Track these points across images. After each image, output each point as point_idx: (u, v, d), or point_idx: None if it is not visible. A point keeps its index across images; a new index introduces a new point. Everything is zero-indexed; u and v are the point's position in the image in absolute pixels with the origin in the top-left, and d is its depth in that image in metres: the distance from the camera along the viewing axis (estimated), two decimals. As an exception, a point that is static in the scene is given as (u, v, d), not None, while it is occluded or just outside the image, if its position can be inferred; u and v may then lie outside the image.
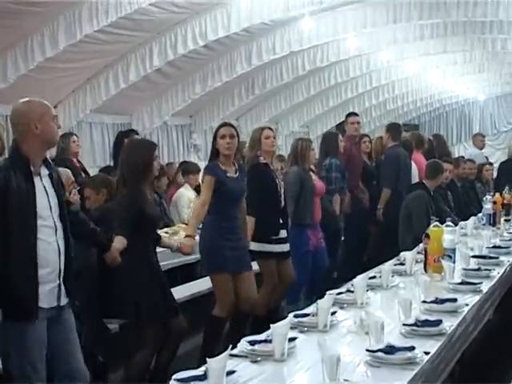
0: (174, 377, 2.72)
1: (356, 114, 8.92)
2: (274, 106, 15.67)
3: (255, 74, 13.38)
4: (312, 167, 7.28)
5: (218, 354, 2.60)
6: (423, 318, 3.58)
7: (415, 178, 8.61)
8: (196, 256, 6.05)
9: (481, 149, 12.52)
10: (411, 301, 3.69)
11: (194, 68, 11.89)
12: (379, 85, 17.04)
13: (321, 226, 7.14)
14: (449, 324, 3.60)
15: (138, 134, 9.47)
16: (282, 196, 6.22)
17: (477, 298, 4.32)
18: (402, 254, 5.34)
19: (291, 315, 3.70)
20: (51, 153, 6.93)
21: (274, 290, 6.22)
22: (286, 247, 6.24)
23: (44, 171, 3.76)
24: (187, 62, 11.38)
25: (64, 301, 3.76)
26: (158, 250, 5.76)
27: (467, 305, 4.08)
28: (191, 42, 10.07)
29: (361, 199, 8.55)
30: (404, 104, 20.46)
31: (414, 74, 17.14)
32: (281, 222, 6.17)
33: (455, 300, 4.02)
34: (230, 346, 2.70)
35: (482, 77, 19.28)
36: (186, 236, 5.28)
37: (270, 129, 6.26)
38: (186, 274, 7.38)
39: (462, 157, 12.70)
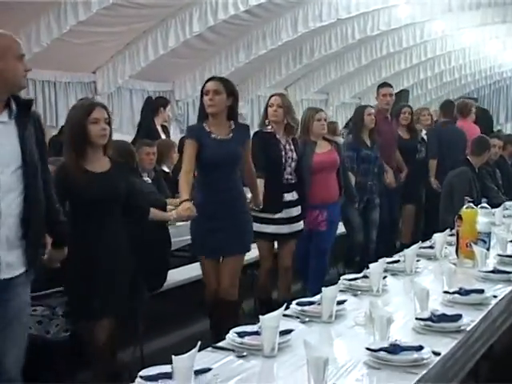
0: (140, 374, 2.42)
1: (389, 85, 8.02)
2: (324, 76, 15.22)
3: (302, 42, 12.96)
4: (329, 138, 6.70)
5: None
6: (440, 311, 3.19)
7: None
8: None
9: None
10: (428, 291, 3.29)
11: (238, 35, 11.54)
12: (434, 56, 16.39)
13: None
14: (469, 319, 3.21)
15: (166, 101, 9.00)
16: (290, 169, 5.67)
17: (509, 288, 3.90)
18: (434, 235, 4.92)
19: (293, 303, 3.37)
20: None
21: (278, 276, 5.79)
22: (290, 228, 5.68)
23: (3, 116, 3.18)
24: (230, 29, 11.03)
25: (6, 274, 3.18)
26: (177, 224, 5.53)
27: (495, 297, 3.67)
28: (232, 7, 9.70)
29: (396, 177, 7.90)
30: (462, 76, 19.73)
31: (472, 45, 16.44)
32: (286, 199, 5.65)
33: (482, 291, 3.61)
34: (199, 343, 2.37)
35: (545, 48, 18.41)
36: (181, 202, 4.56)
37: (278, 95, 5.78)
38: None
39: None
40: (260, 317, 2.77)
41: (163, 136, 8.41)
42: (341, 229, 7.01)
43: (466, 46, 16.43)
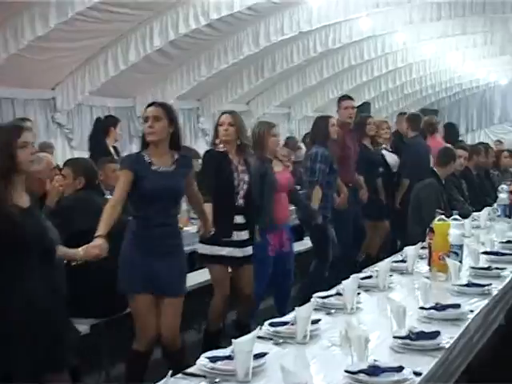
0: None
1: (350, 98, 7.76)
2: (286, 90, 15.20)
3: (264, 56, 12.91)
4: (282, 157, 6.49)
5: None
6: (418, 329, 3.08)
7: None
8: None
9: None
10: (405, 308, 3.19)
11: (199, 49, 11.43)
12: (395, 68, 16.50)
13: (302, 224, 6.54)
14: (448, 336, 3.10)
15: (116, 120, 8.65)
16: (242, 192, 5.26)
17: (484, 302, 3.81)
18: (405, 249, 4.83)
19: (266, 324, 3.23)
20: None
21: (231, 303, 5.47)
22: (242, 252, 5.27)
23: None
24: (191, 43, 10.93)
25: None
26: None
27: (472, 311, 3.58)
28: (193, 20, 9.60)
29: (357, 194, 7.75)
30: (422, 88, 19.90)
31: (432, 57, 16.57)
32: (236, 222, 5.24)
33: (458, 306, 3.52)
34: (170, 372, 2.20)
35: (504, 60, 18.54)
36: (96, 237, 3.99)
37: (227, 113, 5.36)
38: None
39: (482, 143, 12.17)
40: (233, 341, 2.62)
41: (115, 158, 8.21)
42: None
43: (427, 57, 16.54)
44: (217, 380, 2.61)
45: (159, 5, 9.44)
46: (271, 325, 3.23)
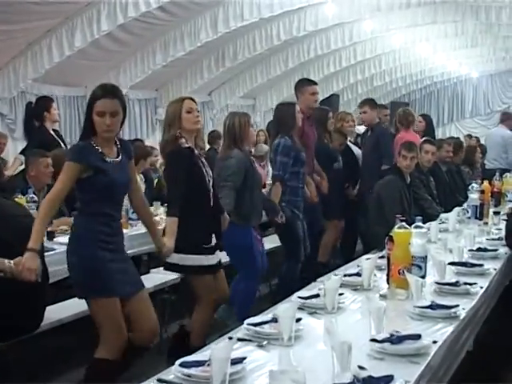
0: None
1: (315, 82, 7.13)
2: (250, 80, 14.53)
3: (225, 44, 12.24)
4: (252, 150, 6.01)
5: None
6: (364, 373, 2.45)
7: None
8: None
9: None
10: (350, 345, 2.54)
11: (154, 35, 10.71)
12: (364, 59, 15.90)
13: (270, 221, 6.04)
14: (402, 381, 2.48)
15: (49, 101, 7.90)
16: (212, 190, 4.77)
17: (450, 329, 3.18)
18: (362, 260, 4.19)
19: (245, 324, 3.03)
20: None
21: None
22: (217, 257, 4.84)
23: None
24: (145, 29, 10.20)
25: None
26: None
27: (435, 342, 2.95)
28: (143, 4, 8.87)
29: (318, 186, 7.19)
30: (392, 80, 19.38)
31: (402, 47, 16.03)
32: (213, 225, 4.79)
33: (418, 337, 2.89)
34: None
35: (475, 52, 18.15)
36: (27, 250, 3.54)
37: (192, 99, 4.74)
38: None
39: (452, 137, 11.64)
40: (211, 346, 2.56)
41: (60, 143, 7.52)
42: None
43: (396, 48, 16.00)
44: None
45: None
46: (251, 324, 3.02)
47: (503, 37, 16.11)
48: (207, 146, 10.28)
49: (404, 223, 3.81)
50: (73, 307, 4.69)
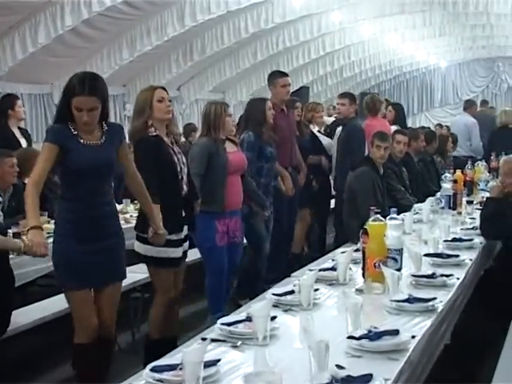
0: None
1: (286, 74, 7.11)
2: (219, 74, 14.43)
3: (192, 38, 12.13)
4: (232, 137, 5.90)
5: None
6: (342, 372, 2.37)
7: None
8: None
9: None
10: (327, 343, 2.45)
11: (119, 30, 10.58)
12: (333, 50, 15.86)
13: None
14: (383, 379, 2.40)
15: (13, 99, 7.65)
16: (185, 177, 4.68)
17: (428, 323, 3.11)
18: (336, 254, 4.11)
19: (218, 324, 2.95)
20: None
21: (171, 309, 4.71)
22: (183, 248, 4.68)
23: None
24: (110, 23, 10.06)
25: None
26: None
27: (414, 337, 2.88)
28: (108, -3, 8.73)
29: (296, 179, 7.12)
30: (362, 71, 19.39)
31: (371, 38, 15.99)
32: (183, 214, 4.64)
33: (397, 332, 2.81)
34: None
35: (443, 41, 18.19)
36: (31, 229, 3.56)
37: (163, 89, 4.66)
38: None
39: (423, 127, 11.62)
40: (182, 349, 2.48)
41: (23, 141, 7.32)
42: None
43: (365, 39, 15.97)
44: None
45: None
46: (224, 324, 2.92)
47: (470, 26, 16.16)
48: (183, 139, 10.19)
49: (378, 215, 3.73)
50: (54, 305, 4.66)
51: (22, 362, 4.92)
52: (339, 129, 7.97)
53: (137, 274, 5.34)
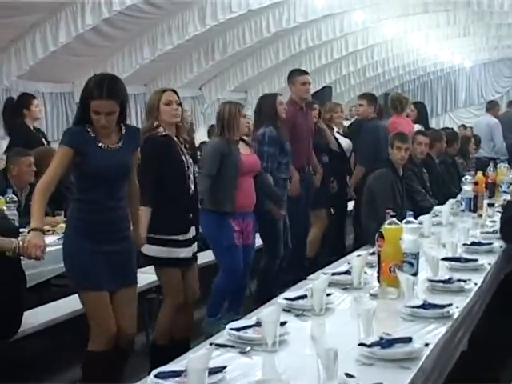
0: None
1: (306, 72, 7.14)
2: (241, 74, 14.30)
3: (214, 37, 12.02)
4: (246, 138, 5.85)
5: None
6: (352, 381, 2.31)
7: None
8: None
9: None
10: (336, 351, 2.39)
11: (141, 29, 10.49)
12: (356, 50, 15.66)
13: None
14: (393, 388, 2.34)
15: (29, 98, 7.72)
16: (192, 177, 4.61)
17: (443, 330, 3.05)
18: (352, 258, 4.05)
19: (227, 329, 2.89)
20: None
21: (179, 311, 4.63)
22: (192, 249, 4.65)
23: None
24: (131, 23, 9.99)
25: None
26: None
27: (428, 345, 2.81)
28: (128, -4, 8.69)
29: (312, 180, 7.05)
30: (385, 71, 19.18)
31: (394, 38, 15.78)
32: (191, 215, 4.59)
33: (409, 340, 2.75)
34: None
35: (468, 41, 17.96)
36: (31, 230, 3.55)
37: (174, 92, 4.62)
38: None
39: (446, 128, 11.49)
40: (188, 356, 2.41)
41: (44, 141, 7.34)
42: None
43: (388, 38, 15.78)
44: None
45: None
46: (234, 329, 2.88)
47: (496, 25, 15.92)
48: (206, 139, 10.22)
49: (394, 219, 3.66)
50: (68, 305, 4.66)
51: (33, 362, 4.90)
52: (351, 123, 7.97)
53: (152, 275, 5.29)
